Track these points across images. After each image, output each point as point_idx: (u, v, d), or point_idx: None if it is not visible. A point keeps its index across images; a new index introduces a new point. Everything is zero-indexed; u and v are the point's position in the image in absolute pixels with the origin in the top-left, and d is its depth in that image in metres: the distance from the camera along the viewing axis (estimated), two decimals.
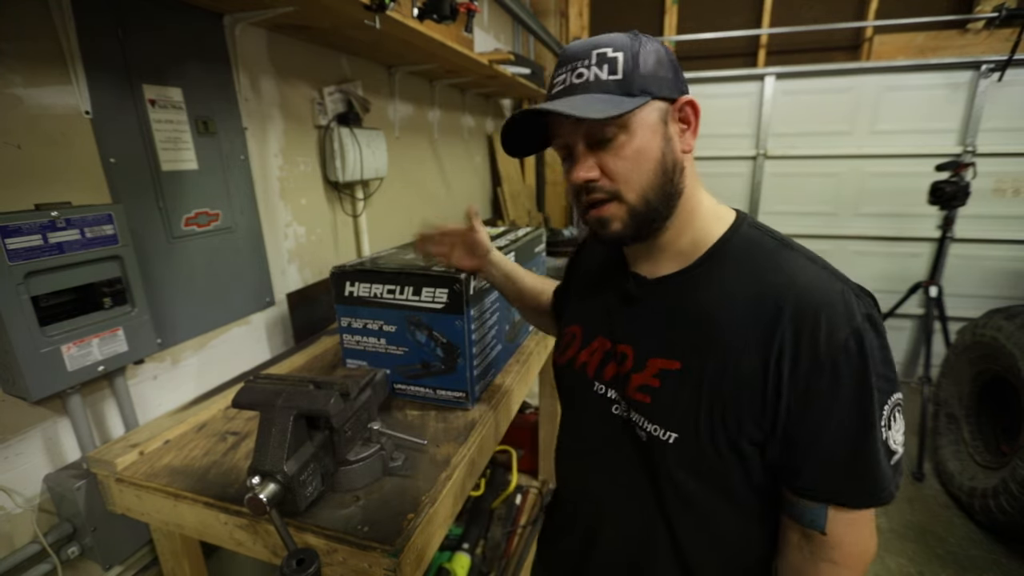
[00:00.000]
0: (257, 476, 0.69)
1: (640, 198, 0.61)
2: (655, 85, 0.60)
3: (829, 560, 0.60)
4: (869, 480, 0.57)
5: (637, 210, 0.62)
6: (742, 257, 0.63)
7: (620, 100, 0.58)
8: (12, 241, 0.83)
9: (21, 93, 0.91)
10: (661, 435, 0.64)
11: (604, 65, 0.59)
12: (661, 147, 0.61)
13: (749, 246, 0.64)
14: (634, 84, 0.59)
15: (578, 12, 3.67)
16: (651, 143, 0.60)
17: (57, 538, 0.97)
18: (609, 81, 0.59)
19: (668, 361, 0.64)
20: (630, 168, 0.60)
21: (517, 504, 2.00)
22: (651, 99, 0.60)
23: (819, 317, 0.55)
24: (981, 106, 2.96)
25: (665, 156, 0.61)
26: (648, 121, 0.60)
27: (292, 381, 0.80)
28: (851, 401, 0.55)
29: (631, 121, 0.59)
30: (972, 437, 2.38)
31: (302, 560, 0.63)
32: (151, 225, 1.14)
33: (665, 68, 0.61)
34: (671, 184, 0.62)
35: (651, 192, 0.61)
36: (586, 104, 0.58)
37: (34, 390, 0.89)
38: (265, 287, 1.49)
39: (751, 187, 3.50)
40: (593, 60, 0.60)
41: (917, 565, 2.01)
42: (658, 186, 0.61)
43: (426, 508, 0.79)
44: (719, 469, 0.63)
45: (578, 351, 0.78)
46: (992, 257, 3.16)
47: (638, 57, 0.59)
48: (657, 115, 0.61)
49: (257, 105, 1.43)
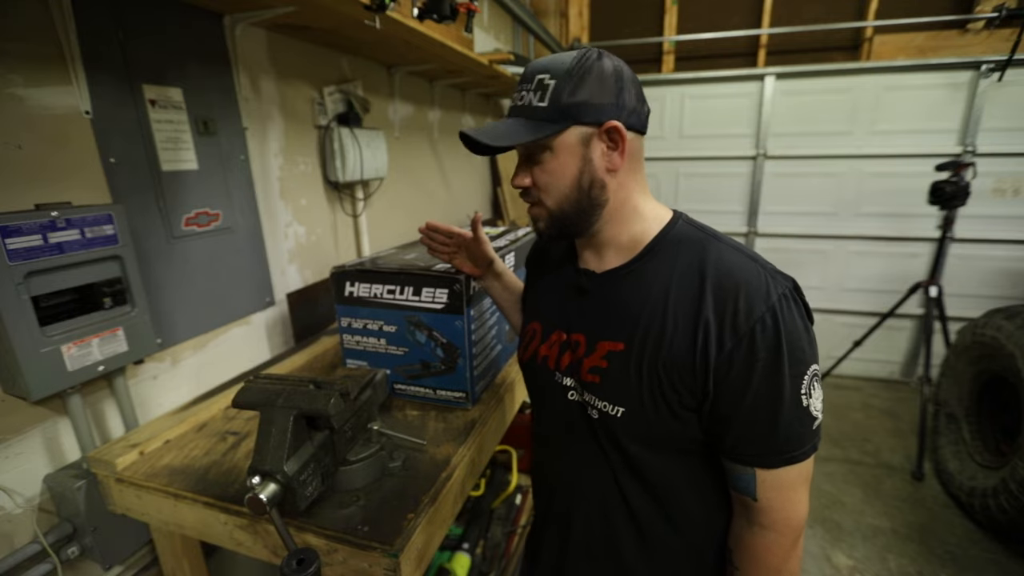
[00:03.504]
0: (257, 476, 0.70)
1: (557, 206, 0.71)
2: (580, 112, 0.66)
3: (761, 525, 0.68)
4: (788, 443, 0.63)
5: (554, 215, 0.72)
6: (675, 250, 0.71)
7: (540, 126, 0.67)
8: (12, 241, 0.83)
9: (21, 93, 0.91)
10: (610, 410, 0.71)
11: (538, 91, 0.67)
12: (579, 166, 0.69)
13: (681, 239, 0.71)
14: (558, 112, 0.66)
15: (578, 12, 3.67)
16: (568, 163, 0.69)
17: (57, 538, 0.97)
18: (538, 107, 0.67)
19: (614, 344, 0.71)
20: (549, 182, 0.70)
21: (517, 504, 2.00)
22: (572, 125, 0.67)
23: (738, 296, 0.63)
24: (981, 106, 2.96)
25: (582, 174, 0.69)
26: (567, 143, 0.68)
27: (292, 381, 0.80)
28: (768, 372, 0.62)
29: (553, 143, 0.68)
30: (972, 437, 2.38)
31: (302, 560, 0.63)
32: (151, 225, 1.14)
33: (603, 94, 0.66)
34: (587, 199, 0.70)
35: (565, 203, 0.71)
36: (509, 131, 0.68)
37: (34, 390, 0.89)
38: (265, 287, 1.49)
39: (751, 187, 3.50)
40: (533, 84, 0.68)
41: (917, 565, 2.01)
42: (573, 199, 0.70)
43: (426, 508, 0.79)
44: (664, 437, 0.70)
45: (539, 345, 0.84)
46: (992, 257, 3.16)
47: (572, 85, 0.65)
48: (577, 139, 0.68)
49: (257, 105, 1.43)
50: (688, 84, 3.46)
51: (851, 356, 3.08)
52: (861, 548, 2.11)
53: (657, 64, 3.66)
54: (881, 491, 2.44)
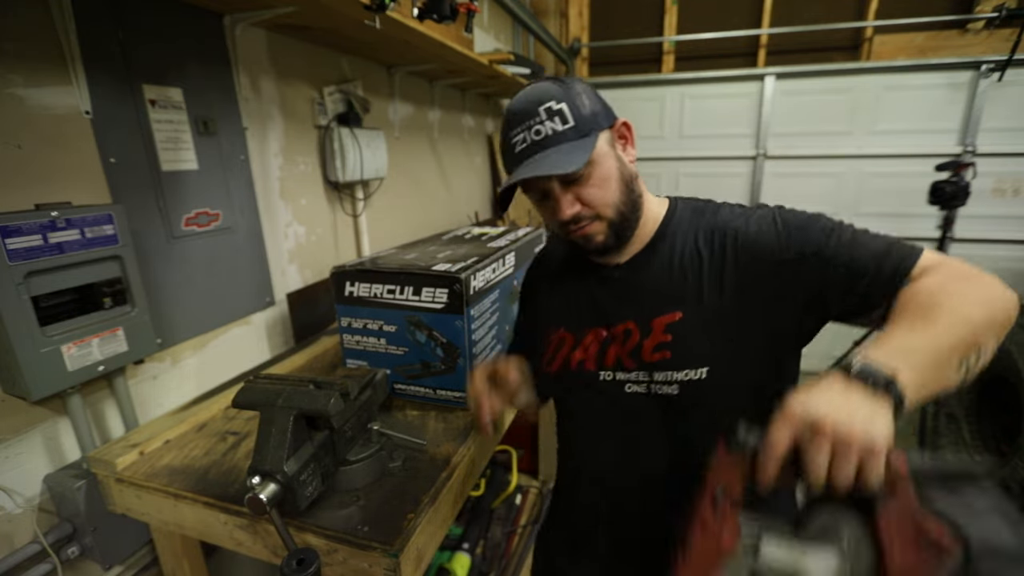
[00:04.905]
0: (257, 476, 0.69)
1: (616, 212, 0.74)
2: (597, 119, 0.72)
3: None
4: (898, 246, 0.66)
5: (615, 222, 0.74)
6: (686, 221, 0.78)
7: (580, 144, 0.69)
8: (12, 241, 0.83)
9: (21, 93, 0.91)
10: (694, 376, 0.72)
11: (555, 118, 0.70)
12: (617, 167, 0.74)
13: (687, 213, 0.79)
14: (584, 126, 0.70)
15: (578, 12, 3.67)
16: (610, 167, 0.73)
17: (57, 538, 0.97)
18: (566, 131, 0.70)
19: (670, 316, 0.74)
20: (601, 193, 0.73)
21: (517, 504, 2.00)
22: (598, 132, 0.72)
23: (749, 222, 0.73)
24: (981, 106, 2.95)
25: (622, 172, 0.74)
26: (602, 150, 0.72)
27: (292, 381, 0.80)
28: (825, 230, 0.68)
29: (593, 155, 0.70)
30: (972, 437, 2.38)
31: (302, 560, 0.63)
32: (151, 225, 1.14)
33: (595, 102, 0.73)
34: (633, 192, 0.76)
35: (622, 206, 0.74)
36: (560, 158, 0.69)
37: (34, 390, 0.89)
38: (265, 287, 1.49)
39: (751, 187, 3.49)
40: (543, 116, 0.70)
41: None
42: (626, 199, 0.74)
43: (426, 508, 0.79)
44: (751, 379, 0.73)
45: (570, 352, 0.82)
46: (992, 257, 3.16)
47: (576, 102, 0.71)
48: (606, 143, 0.73)
49: (257, 105, 1.43)
50: (688, 84, 3.46)
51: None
52: None
53: (657, 64, 3.66)
54: None
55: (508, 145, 0.74)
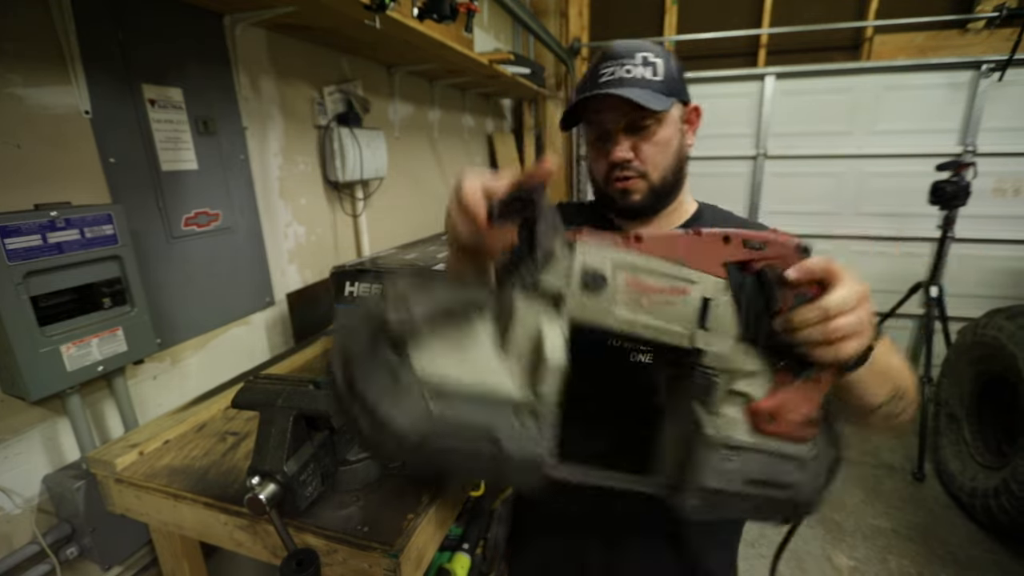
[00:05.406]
0: (257, 476, 0.69)
1: (661, 177, 0.76)
2: (682, 90, 0.76)
3: None
4: None
5: (656, 187, 0.77)
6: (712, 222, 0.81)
7: (662, 98, 0.72)
8: (12, 241, 0.83)
9: (21, 93, 0.91)
10: None
11: (649, 67, 0.73)
12: (679, 140, 0.78)
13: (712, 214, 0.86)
14: (670, 86, 0.74)
15: (578, 12, 3.67)
16: (673, 135, 0.76)
17: (56, 539, 0.97)
18: (654, 81, 0.73)
19: None
20: (657, 153, 0.75)
21: None
22: (677, 101, 0.75)
23: None
24: (981, 106, 2.95)
25: (680, 148, 0.78)
26: (673, 118, 0.76)
27: (292, 381, 0.80)
28: None
29: (664, 115, 0.74)
30: (973, 437, 2.38)
31: (302, 560, 0.63)
32: (151, 225, 1.14)
33: (682, 76, 0.78)
34: (680, 171, 0.79)
35: (668, 174, 0.77)
36: (644, 96, 0.71)
37: (34, 390, 0.89)
38: (265, 287, 1.49)
39: (751, 187, 3.49)
40: (638, 61, 0.73)
41: (918, 566, 2.01)
42: (674, 170, 0.77)
43: (426, 508, 0.79)
44: None
45: None
46: (993, 257, 3.16)
47: (670, 64, 0.75)
48: (678, 114, 0.77)
49: (257, 105, 1.43)
50: (688, 83, 3.45)
51: None
52: (862, 548, 2.11)
53: None
54: (882, 491, 2.44)
55: (594, 75, 0.75)
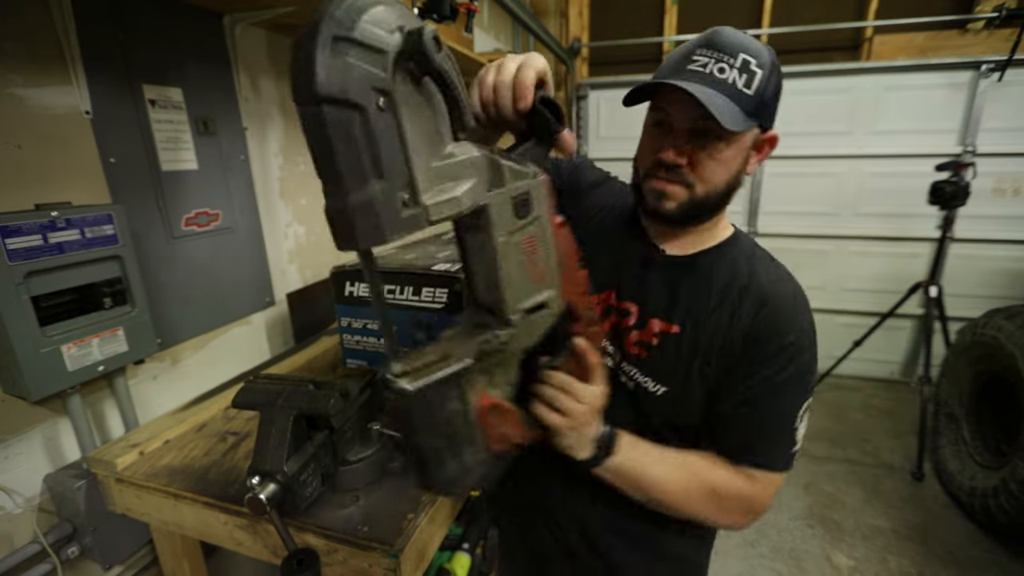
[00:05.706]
0: (257, 476, 0.69)
1: (705, 194, 0.69)
2: (767, 116, 0.67)
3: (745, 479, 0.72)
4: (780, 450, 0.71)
5: (696, 201, 0.69)
6: (742, 261, 0.74)
7: (742, 116, 0.63)
8: (12, 241, 0.83)
9: (21, 93, 0.91)
10: (651, 387, 0.74)
11: (744, 75, 0.63)
12: (739, 166, 0.69)
13: (746, 246, 0.77)
14: (756, 106, 0.64)
15: (578, 12, 3.67)
16: (735, 160, 0.68)
17: (57, 538, 0.97)
18: (744, 93, 0.63)
19: (668, 324, 0.73)
20: (712, 170, 0.67)
21: None
22: (756, 124, 0.66)
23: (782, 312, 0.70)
24: (981, 106, 2.96)
25: (738, 174, 0.70)
26: (744, 141, 0.67)
27: (292, 381, 0.80)
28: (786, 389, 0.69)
29: (734, 136, 0.65)
30: (972, 437, 2.38)
31: (302, 560, 0.63)
32: (151, 225, 1.14)
33: (775, 100, 0.68)
34: (728, 195, 0.71)
35: (714, 194, 0.69)
36: (723, 106, 0.61)
37: (34, 390, 0.89)
38: (265, 287, 1.49)
39: (751, 187, 3.49)
40: (738, 63, 0.63)
41: (917, 565, 2.01)
42: (721, 192, 0.70)
43: (426, 508, 0.79)
44: (690, 420, 0.75)
45: None
46: (992, 257, 3.16)
47: (770, 81, 0.65)
48: (751, 140, 0.68)
49: (257, 105, 1.43)
50: None
51: (851, 356, 3.07)
52: (861, 548, 2.11)
53: (657, 64, 3.60)
54: (881, 491, 2.44)
55: (685, 59, 0.66)
